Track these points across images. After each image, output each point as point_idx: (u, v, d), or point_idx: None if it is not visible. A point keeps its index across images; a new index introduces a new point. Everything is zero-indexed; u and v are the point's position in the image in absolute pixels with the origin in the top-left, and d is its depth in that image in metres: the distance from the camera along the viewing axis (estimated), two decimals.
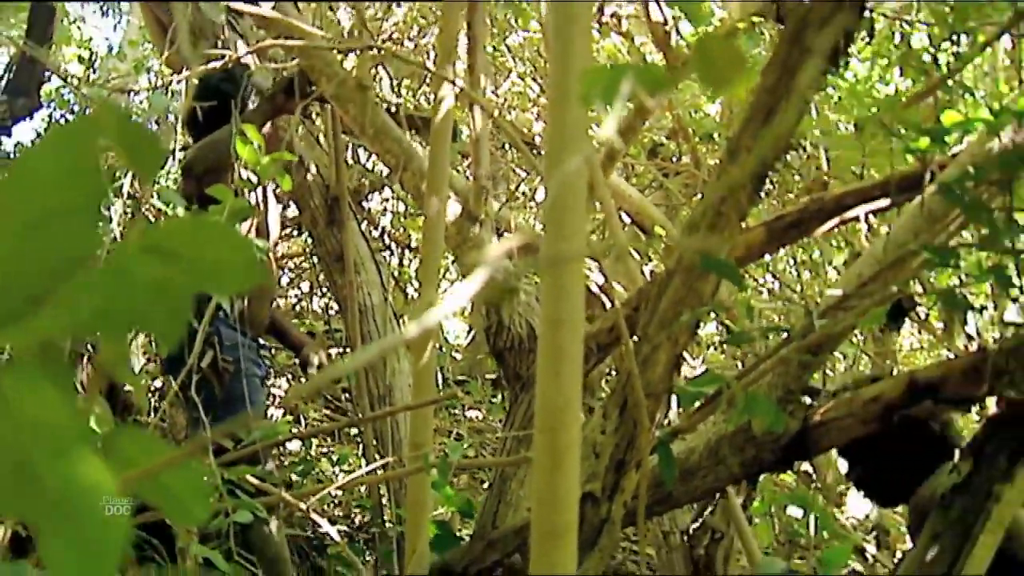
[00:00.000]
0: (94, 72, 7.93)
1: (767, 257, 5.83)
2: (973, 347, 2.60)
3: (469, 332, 8.22)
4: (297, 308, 7.60)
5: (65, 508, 0.58)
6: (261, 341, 4.23)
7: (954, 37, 3.84)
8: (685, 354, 3.89)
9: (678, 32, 4.99)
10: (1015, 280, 1.94)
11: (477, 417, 6.73)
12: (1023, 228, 1.82)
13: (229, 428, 3.21)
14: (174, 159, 3.93)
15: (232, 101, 4.01)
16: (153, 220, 4.53)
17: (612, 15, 5.14)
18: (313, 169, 4.83)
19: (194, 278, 0.60)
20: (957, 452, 2.22)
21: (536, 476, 1.46)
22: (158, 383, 5.25)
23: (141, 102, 6.45)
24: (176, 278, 0.59)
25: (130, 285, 0.56)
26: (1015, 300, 1.99)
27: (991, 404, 2.15)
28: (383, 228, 6.45)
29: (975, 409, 2.54)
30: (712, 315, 4.67)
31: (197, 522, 0.75)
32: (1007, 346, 2.07)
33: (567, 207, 1.45)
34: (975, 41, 3.84)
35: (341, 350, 6.34)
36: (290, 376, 6.82)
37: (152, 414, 4.78)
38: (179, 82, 3.55)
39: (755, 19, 3.67)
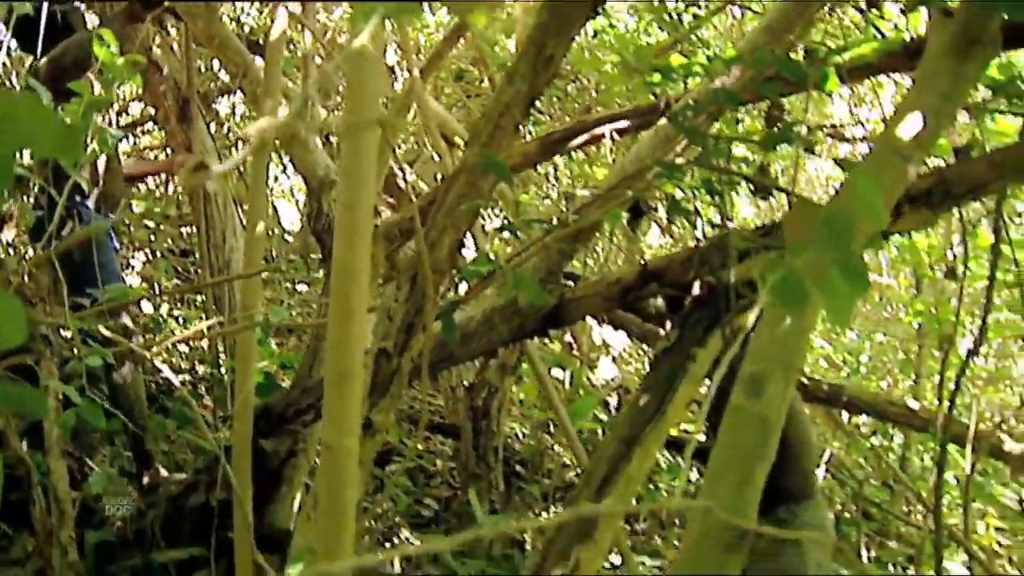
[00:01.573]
0: None
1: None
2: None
3: (301, 219, 8.10)
4: (156, 194, 7.35)
5: None
6: (113, 216, 4.10)
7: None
8: (471, 240, 3.96)
9: None
10: (720, 190, 2.05)
11: (305, 291, 6.69)
12: (725, 150, 1.93)
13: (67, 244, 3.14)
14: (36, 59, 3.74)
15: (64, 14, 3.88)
16: None
17: None
18: (167, 73, 4.65)
19: (9, 141, 0.61)
20: (668, 323, 2.34)
21: (330, 327, 1.50)
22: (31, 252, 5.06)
23: None
24: None
25: None
26: (717, 206, 2.10)
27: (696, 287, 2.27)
28: (229, 127, 6.26)
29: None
30: (498, 210, 4.76)
31: (14, 343, 0.75)
32: (710, 243, 2.20)
33: (361, 88, 1.46)
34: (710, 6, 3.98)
35: (190, 229, 6.17)
36: (147, 251, 6.64)
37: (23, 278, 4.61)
38: None
39: None
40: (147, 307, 5.71)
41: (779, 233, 2.09)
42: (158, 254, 6.49)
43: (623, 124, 2.53)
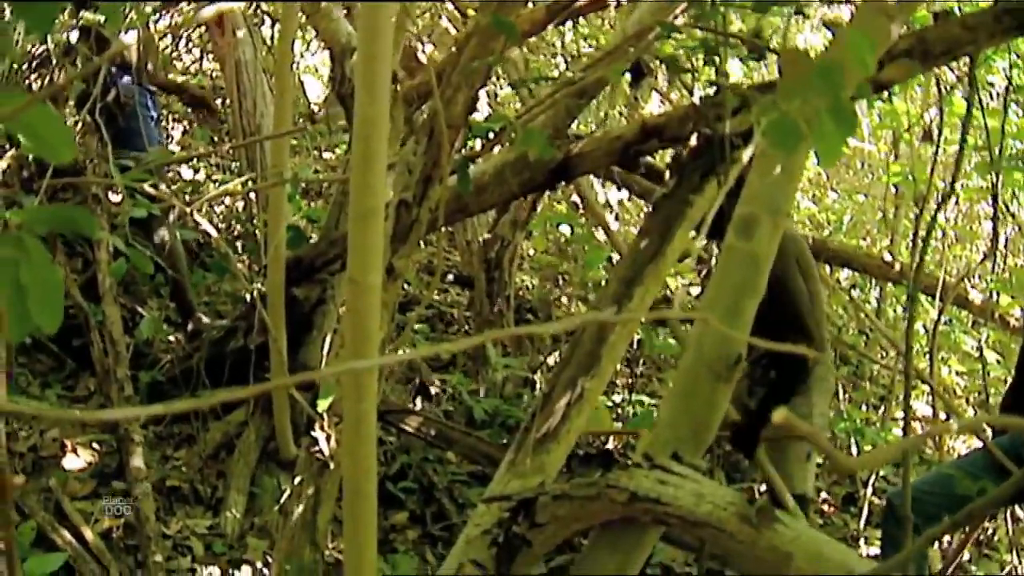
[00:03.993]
0: None
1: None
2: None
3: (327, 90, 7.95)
4: (191, 69, 7.23)
5: None
6: (152, 89, 4.05)
7: None
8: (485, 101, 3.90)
9: None
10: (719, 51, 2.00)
11: (331, 157, 6.63)
12: (722, 11, 1.87)
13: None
14: None
15: None
16: None
17: None
18: None
19: None
20: (667, 173, 2.31)
21: (353, 170, 1.48)
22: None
23: None
24: None
25: None
26: (715, 65, 2.05)
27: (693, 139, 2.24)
28: (257, 4, 6.08)
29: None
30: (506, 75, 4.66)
31: (64, 159, 0.74)
32: (707, 101, 2.16)
33: None
34: None
35: (222, 100, 6.07)
36: (186, 122, 6.58)
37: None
38: None
39: None
40: (187, 173, 5.69)
41: (771, 90, 2.05)
42: (195, 124, 6.42)
43: None
